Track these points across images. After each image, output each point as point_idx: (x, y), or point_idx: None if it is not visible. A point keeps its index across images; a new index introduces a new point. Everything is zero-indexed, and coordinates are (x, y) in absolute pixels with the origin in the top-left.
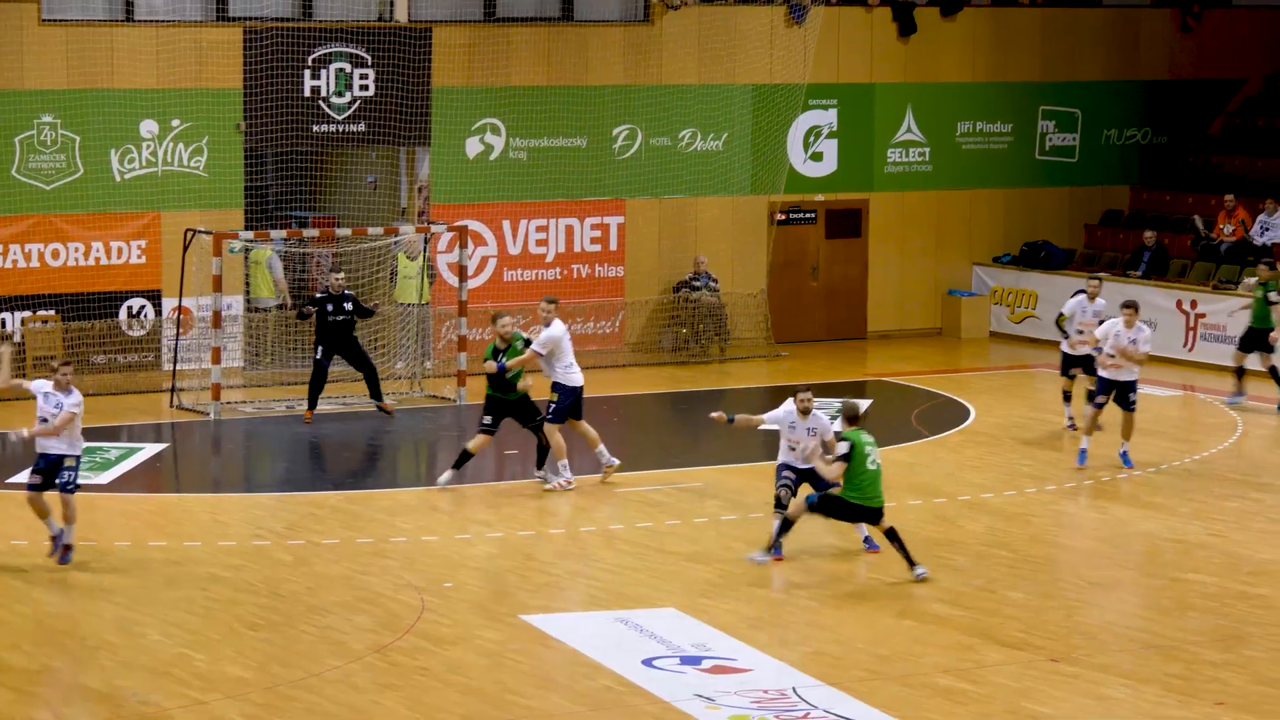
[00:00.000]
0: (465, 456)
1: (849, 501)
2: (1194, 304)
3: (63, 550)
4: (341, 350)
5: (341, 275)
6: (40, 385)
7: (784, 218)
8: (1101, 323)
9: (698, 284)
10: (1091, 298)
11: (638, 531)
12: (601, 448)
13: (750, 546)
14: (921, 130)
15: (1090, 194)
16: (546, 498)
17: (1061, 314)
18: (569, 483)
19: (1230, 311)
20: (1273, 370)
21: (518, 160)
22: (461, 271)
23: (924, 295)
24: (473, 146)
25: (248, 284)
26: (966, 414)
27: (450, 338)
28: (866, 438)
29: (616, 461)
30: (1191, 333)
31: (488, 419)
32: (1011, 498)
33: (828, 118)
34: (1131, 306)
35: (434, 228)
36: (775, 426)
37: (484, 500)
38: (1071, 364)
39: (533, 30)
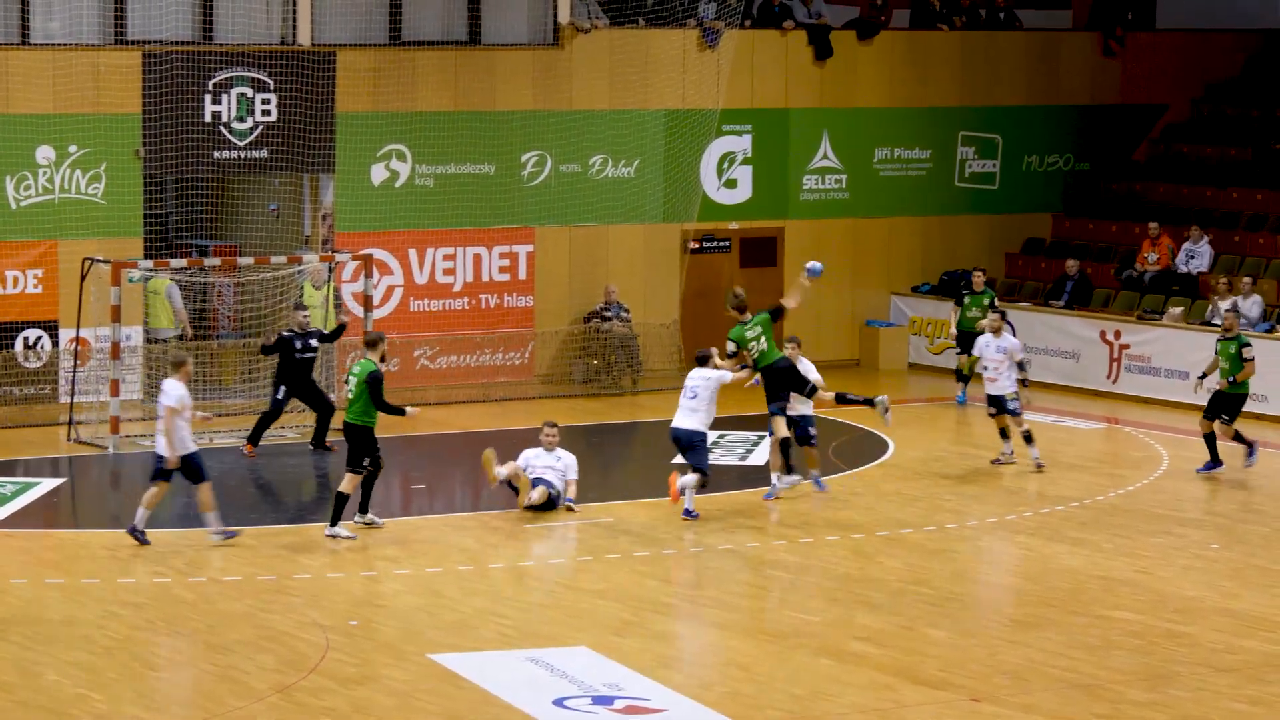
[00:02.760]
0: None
1: None
2: (1118, 334)
3: None
4: (302, 390)
5: (306, 313)
6: None
7: (697, 246)
8: (1020, 363)
9: (609, 314)
10: (995, 331)
11: (549, 568)
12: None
13: (665, 584)
14: (838, 156)
15: (1011, 222)
16: (456, 534)
17: (972, 355)
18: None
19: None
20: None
21: (424, 187)
22: (367, 301)
23: (841, 325)
24: (378, 173)
25: (146, 314)
26: (885, 447)
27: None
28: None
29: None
30: (1115, 364)
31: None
32: (932, 533)
33: (742, 144)
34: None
35: (338, 256)
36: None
37: (391, 536)
38: (989, 402)
39: (439, 54)
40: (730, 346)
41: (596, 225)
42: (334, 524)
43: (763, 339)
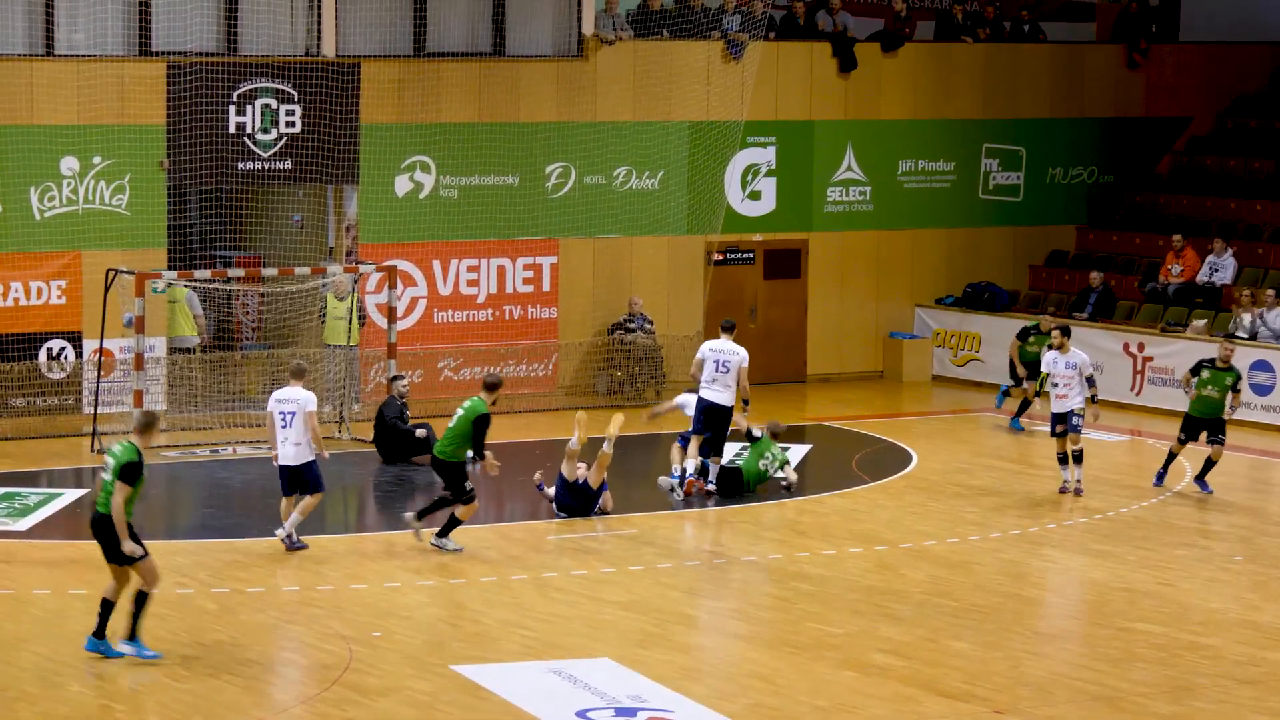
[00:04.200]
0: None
1: None
2: (1141, 347)
3: None
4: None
5: (405, 382)
6: None
7: (721, 258)
8: (1090, 378)
9: (633, 326)
10: (1060, 348)
11: (572, 580)
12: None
13: (688, 596)
14: (862, 168)
15: (1035, 234)
16: (478, 546)
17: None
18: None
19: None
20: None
21: (448, 199)
22: (390, 313)
23: (865, 338)
24: (402, 184)
25: (168, 324)
26: (909, 459)
27: (379, 380)
28: None
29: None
30: (1139, 376)
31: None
32: (955, 545)
33: (766, 156)
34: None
35: (362, 268)
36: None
37: (414, 547)
38: (1055, 420)
39: (463, 66)
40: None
41: (620, 237)
42: (443, 534)
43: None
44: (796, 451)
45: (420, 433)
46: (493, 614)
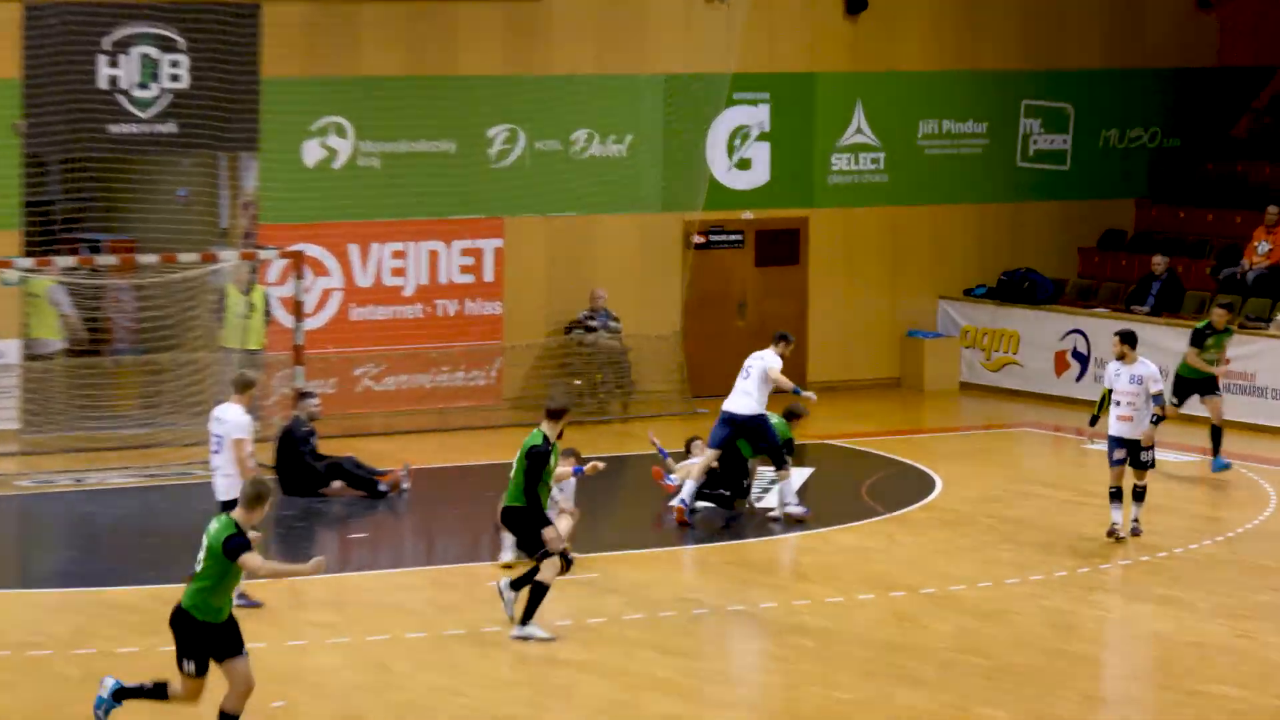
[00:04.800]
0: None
1: None
2: None
3: None
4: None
5: (317, 401)
6: None
7: (703, 241)
8: (1157, 396)
9: (595, 324)
10: (1123, 359)
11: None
12: None
13: (662, 655)
14: (874, 131)
15: (1086, 210)
16: (402, 593)
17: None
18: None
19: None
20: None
21: (368, 169)
22: (297, 309)
23: (878, 337)
24: (312, 152)
25: (27, 324)
26: (932, 485)
27: (283, 391)
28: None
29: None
30: None
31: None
32: (988, 591)
33: (758, 115)
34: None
35: (262, 254)
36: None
37: (325, 597)
38: (1116, 446)
39: (387, 8)
40: None
41: (580, 216)
42: (524, 622)
43: None
44: (798, 476)
45: (336, 485)
46: (422, 678)
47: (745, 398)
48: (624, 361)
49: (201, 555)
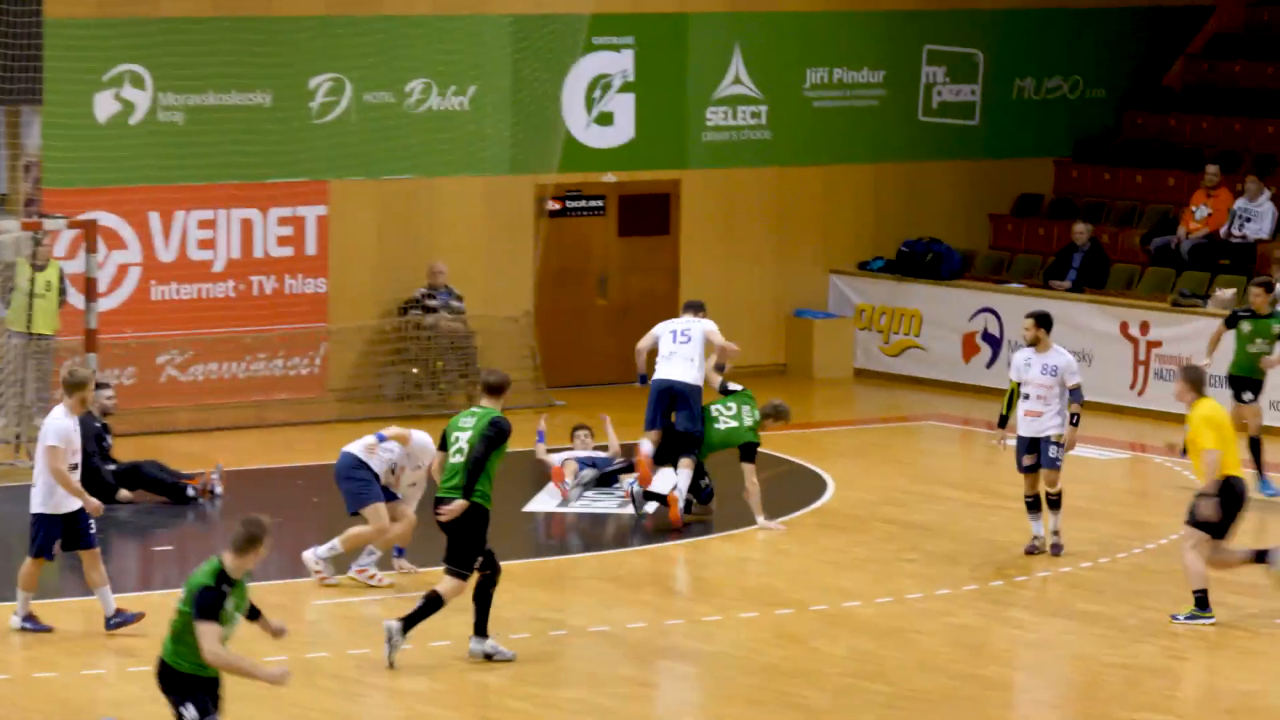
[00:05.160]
0: None
1: None
2: (1145, 327)
3: None
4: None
5: (110, 393)
6: None
7: (559, 207)
8: (1074, 390)
9: (434, 303)
10: (1035, 345)
11: (349, 660)
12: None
13: (513, 683)
14: (755, 81)
15: (998, 172)
16: None
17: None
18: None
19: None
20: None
21: (170, 125)
22: (89, 287)
23: (760, 318)
24: (104, 105)
25: None
26: (822, 487)
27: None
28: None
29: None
30: (1142, 368)
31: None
32: (888, 607)
33: (621, 63)
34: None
35: (47, 223)
36: None
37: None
38: (1025, 449)
39: None
40: None
41: (416, 178)
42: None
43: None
44: (667, 479)
45: (126, 494)
46: (239, 711)
47: (688, 364)
48: (468, 346)
49: (181, 596)
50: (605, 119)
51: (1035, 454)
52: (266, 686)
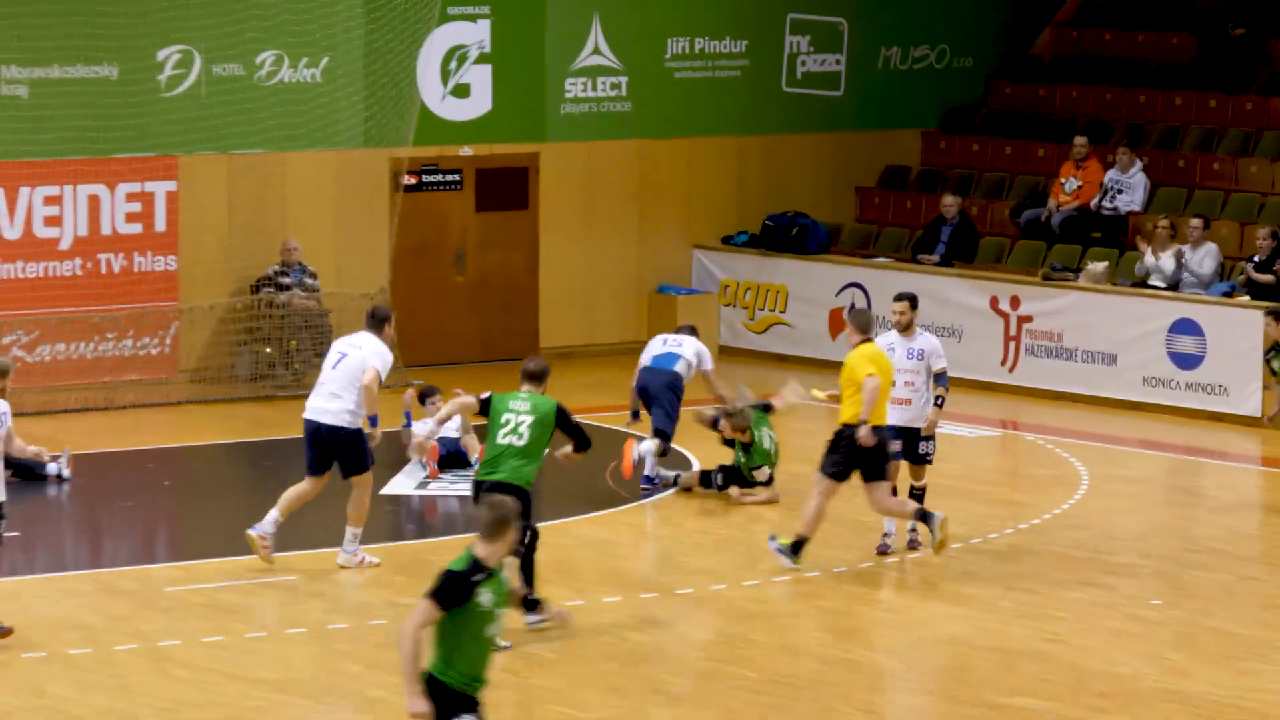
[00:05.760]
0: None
1: None
2: (1015, 302)
3: None
4: None
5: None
6: None
7: (414, 182)
8: (940, 375)
9: (287, 281)
10: (903, 329)
11: (202, 649)
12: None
13: (372, 670)
14: (615, 52)
15: (863, 143)
16: (62, 602)
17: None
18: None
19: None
20: None
21: (12, 99)
22: None
23: (622, 294)
24: None
25: None
26: (687, 467)
27: None
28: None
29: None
30: (1013, 344)
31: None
32: (754, 590)
33: (477, 33)
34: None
35: None
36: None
37: None
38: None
39: None
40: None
41: (268, 153)
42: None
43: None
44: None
45: None
46: (88, 701)
47: (673, 364)
48: (322, 325)
49: None
50: (461, 91)
51: (902, 441)
52: (121, 676)
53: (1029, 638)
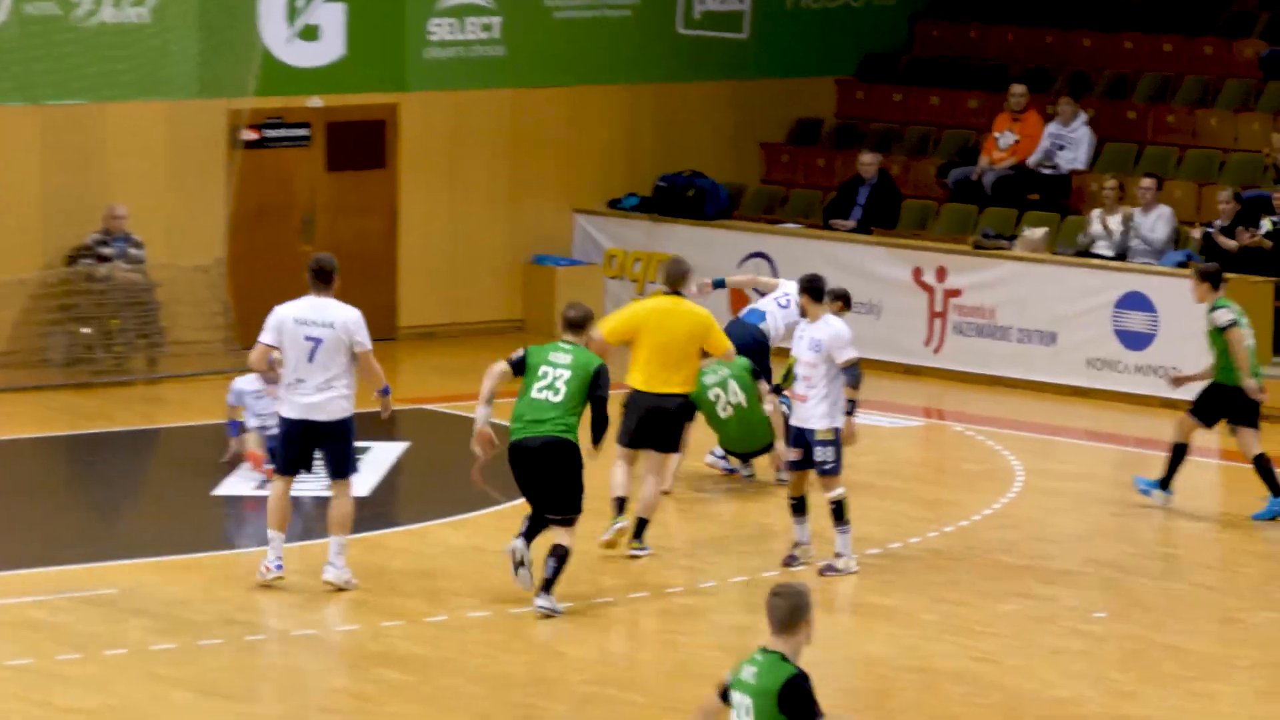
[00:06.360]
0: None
1: None
2: (942, 274)
3: None
4: None
5: None
6: None
7: (256, 137)
8: (850, 368)
9: (109, 251)
10: (810, 314)
11: (7, 675)
12: None
13: (204, 697)
14: None
15: (770, 93)
16: None
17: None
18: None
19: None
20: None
21: None
22: None
23: (494, 265)
24: None
25: None
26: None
27: None
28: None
29: None
30: (939, 321)
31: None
32: (643, 603)
33: None
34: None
35: None
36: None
37: None
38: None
39: None
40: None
41: (87, 104)
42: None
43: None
44: (386, 453)
45: None
46: None
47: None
48: (149, 301)
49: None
50: (310, 33)
51: (800, 448)
52: None
53: (956, 656)
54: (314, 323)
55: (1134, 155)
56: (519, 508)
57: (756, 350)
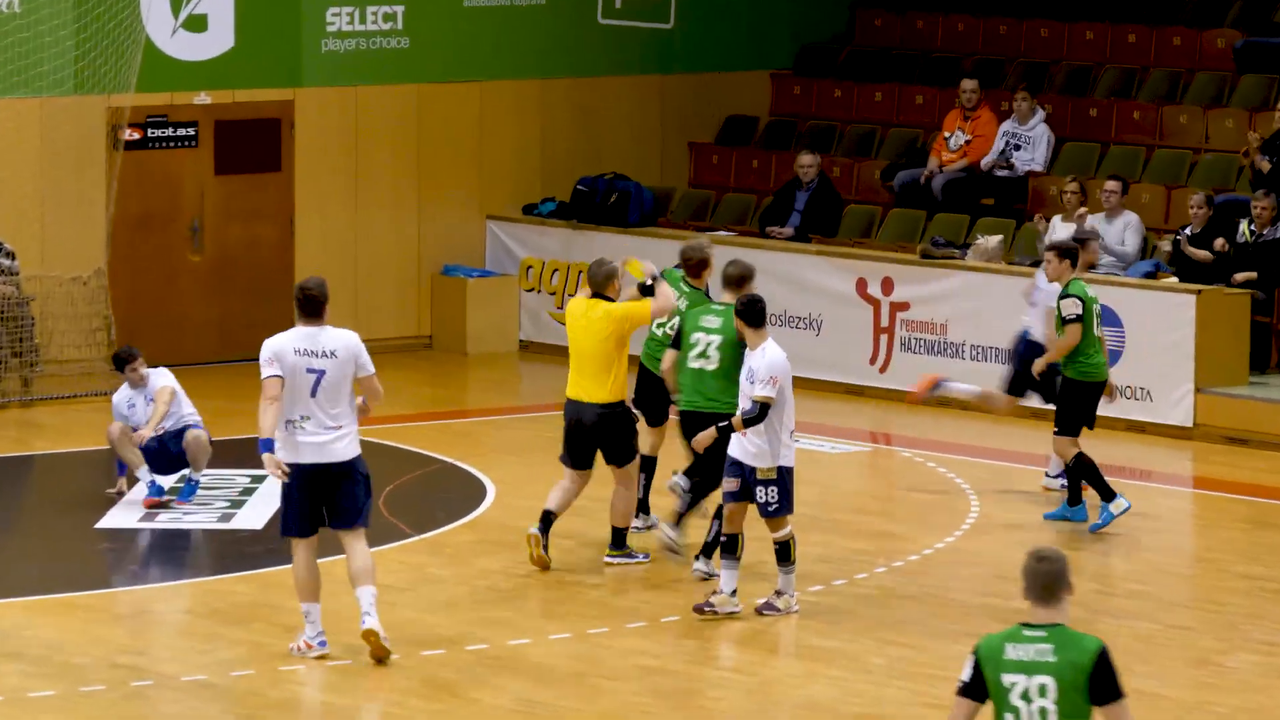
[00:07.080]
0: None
1: None
2: (888, 285)
3: None
4: None
5: None
6: None
7: (138, 137)
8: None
9: None
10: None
11: None
12: None
13: None
14: None
15: (700, 88)
16: None
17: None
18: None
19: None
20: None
21: None
22: None
23: (398, 277)
24: None
25: None
26: (481, 494)
27: None
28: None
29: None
30: (885, 337)
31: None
32: (563, 645)
33: None
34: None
35: None
36: None
37: None
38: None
39: None
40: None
41: None
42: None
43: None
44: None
45: None
46: None
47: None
48: (23, 316)
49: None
50: (197, 24)
51: (739, 479)
52: None
53: (906, 703)
54: (315, 353)
55: (1096, 156)
56: (435, 541)
57: None
